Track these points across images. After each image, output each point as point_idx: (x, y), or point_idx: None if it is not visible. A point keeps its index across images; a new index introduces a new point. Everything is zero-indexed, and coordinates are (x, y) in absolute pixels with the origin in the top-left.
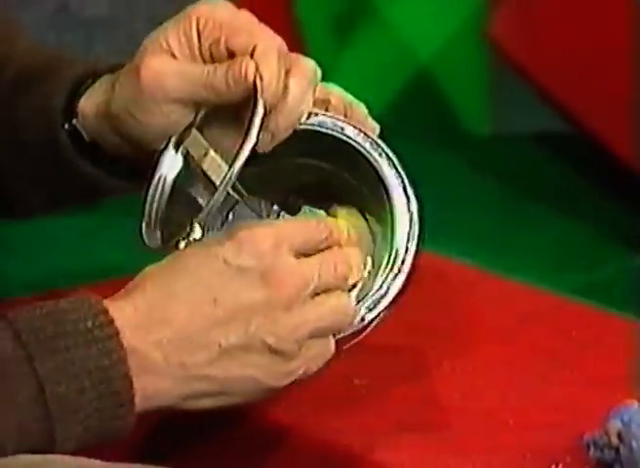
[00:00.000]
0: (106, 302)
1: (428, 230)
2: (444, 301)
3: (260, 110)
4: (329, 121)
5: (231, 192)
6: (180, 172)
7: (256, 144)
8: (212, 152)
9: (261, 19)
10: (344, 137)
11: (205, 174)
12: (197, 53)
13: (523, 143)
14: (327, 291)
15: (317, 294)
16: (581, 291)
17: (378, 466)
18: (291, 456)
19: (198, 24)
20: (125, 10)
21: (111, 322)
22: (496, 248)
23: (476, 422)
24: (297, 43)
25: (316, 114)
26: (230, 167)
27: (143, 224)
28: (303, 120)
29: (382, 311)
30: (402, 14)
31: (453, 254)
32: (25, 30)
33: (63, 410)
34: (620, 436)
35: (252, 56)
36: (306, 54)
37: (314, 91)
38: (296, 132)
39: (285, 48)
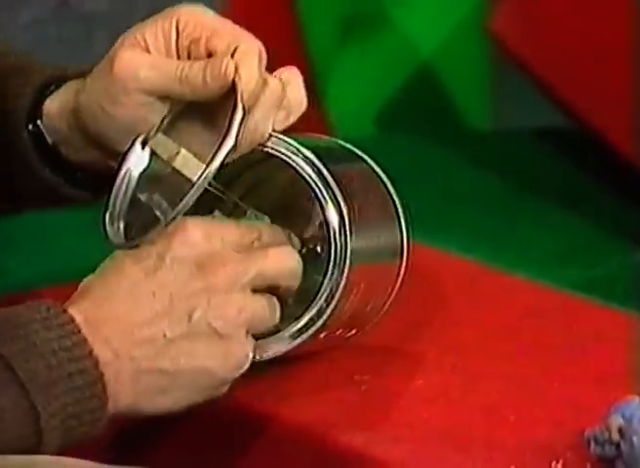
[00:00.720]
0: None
1: (429, 225)
2: (444, 297)
3: (240, 109)
4: (282, 146)
5: (211, 189)
6: (146, 169)
7: (235, 144)
8: (183, 151)
9: (262, 15)
10: (293, 163)
11: (179, 172)
12: (174, 51)
13: (524, 139)
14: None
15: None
16: (583, 286)
17: (378, 462)
18: (290, 452)
19: (178, 24)
20: (125, 4)
21: (64, 311)
22: (496, 243)
23: (477, 418)
24: (297, 38)
25: (273, 136)
26: (208, 164)
27: (107, 216)
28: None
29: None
30: (404, 9)
31: (453, 250)
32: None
33: (37, 386)
34: (621, 432)
35: (232, 56)
36: (308, 50)
37: (274, 116)
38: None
39: (264, 55)
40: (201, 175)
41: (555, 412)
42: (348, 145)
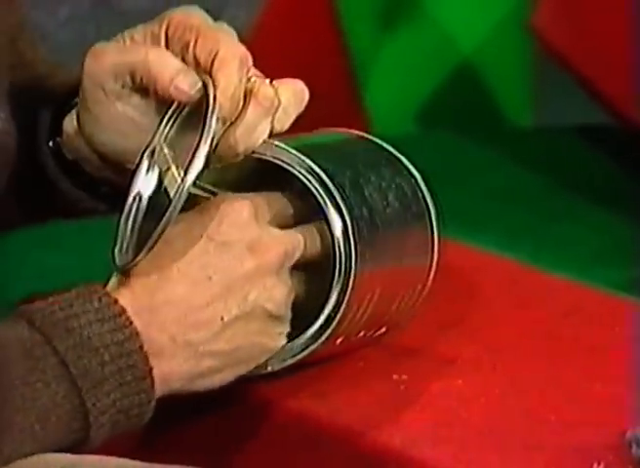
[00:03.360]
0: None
1: (468, 223)
2: (484, 296)
3: (209, 122)
4: (280, 152)
5: (203, 194)
6: (156, 189)
7: (207, 161)
8: (173, 167)
9: (301, 12)
10: (293, 170)
11: (165, 190)
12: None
13: (565, 136)
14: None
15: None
16: (624, 285)
17: (416, 463)
18: (327, 452)
19: (168, 28)
20: (164, 2)
21: (116, 301)
22: (536, 242)
23: (517, 419)
24: (336, 34)
25: (270, 143)
26: (180, 183)
27: (116, 248)
28: (257, 148)
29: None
30: (444, 4)
31: (492, 248)
32: (35, 40)
33: (89, 383)
34: None
35: (212, 61)
36: (347, 46)
37: (272, 121)
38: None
39: (250, 61)
40: (175, 194)
41: (596, 413)
42: (376, 139)
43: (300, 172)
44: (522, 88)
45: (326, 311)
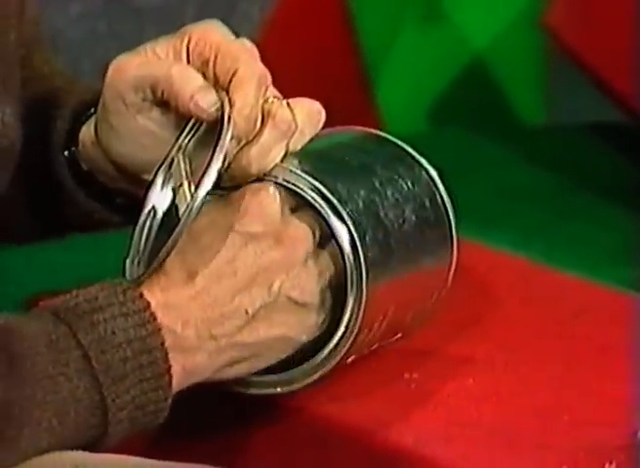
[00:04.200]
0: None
1: (480, 222)
2: (495, 295)
3: (220, 146)
4: (293, 177)
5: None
6: (170, 205)
7: (218, 181)
8: (185, 183)
9: (314, 9)
10: (306, 196)
11: (176, 207)
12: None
13: (578, 134)
14: None
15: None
16: (636, 284)
17: (428, 461)
18: (339, 451)
19: (189, 42)
20: None
21: (141, 295)
22: (548, 240)
23: (528, 418)
24: (349, 32)
25: (284, 167)
26: (187, 205)
27: (128, 260)
28: (269, 171)
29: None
30: (457, 2)
31: (504, 246)
32: (54, 57)
33: (110, 379)
34: None
35: (230, 80)
36: (359, 44)
37: (287, 144)
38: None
39: (268, 80)
40: (185, 211)
41: (608, 413)
42: (395, 139)
43: (312, 197)
44: (535, 86)
45: (339, 333)
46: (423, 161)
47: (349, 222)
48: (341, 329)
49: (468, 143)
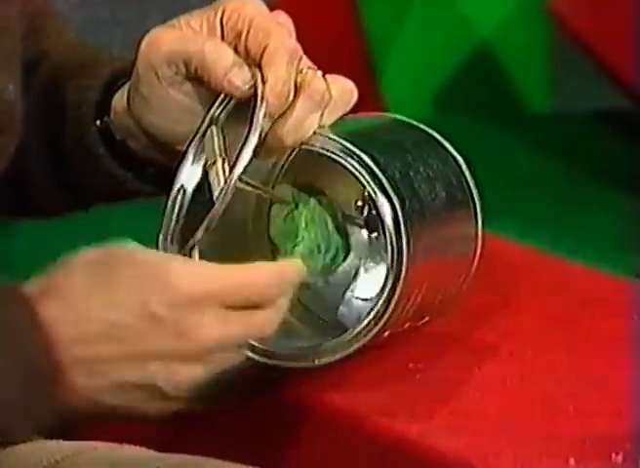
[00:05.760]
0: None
1: (487, 210)
2: (502, 284)
3: (256, 123)
4: (330, 144)
5: (249, 188)
6: (201, 181)
7: (255, 154)
8: (219, 160)
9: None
10: (345, 163)
11: (209, 185)
12: (218, 39)
13: (585, 121)
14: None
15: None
16: None
17: (433, 452)
18: (344, 441)
19: (223, 16)
20: None
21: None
22: (556, 228)
23: (534, 408)
24: (354, 19)
25: (320, 134)
26: (225, 180)
27: (161, 237)
28: (306, 140)
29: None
30: None
31: (511, 235)
32: (69, 28)
33: None
34: None
35: (262, 55)
36: (364, 30)
37: (322, 114)
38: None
39: (300, 53)
40: (223, 187)
41: (615, 403)
42: (421, 125)
43: (351, 164)
44: (541, 72)
45: (377, 306)
46: (450, 147)
47: (390, 189)
48: (383, 296)
49: (474, 130)
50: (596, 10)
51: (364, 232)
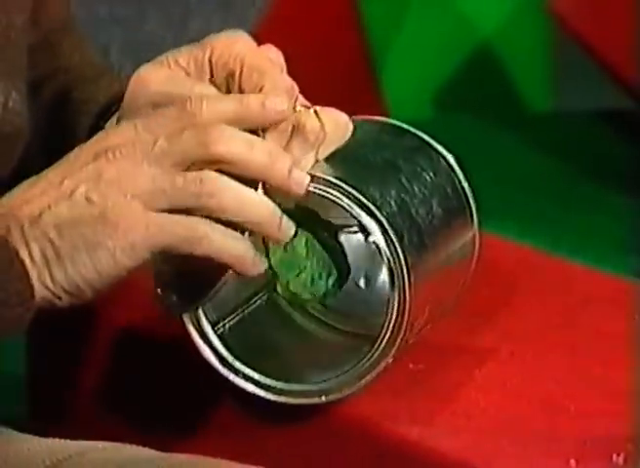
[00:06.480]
0: None
1: (486, 210)
2: (502, 284)
3: None
4: (322, 186)
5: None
6: None
7: None
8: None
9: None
10: (342, 203)
11: None
12: (206, 80)
13: (586, 121)
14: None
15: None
16: None
17: (434, 452)
18: (345, 444)
19: (212, 54)
20: None
21: None
22: (556, 228)
23: (535, 409)
24: (354, 19)
25: (315, 175)
26: None
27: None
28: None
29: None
30: None
31: (511, 235)
32: (87, 44)
33: None
34: None
35: None
36: (365, 28)
37: (316, 153)
38: None
39: (296, 91)
40: None
41: (616, 403)
42: (411, 128)
43: (348, 204)
44: (542, 71)
45: (383, 341)
46: (440, 148)
47: (388, 227)
48: (387, 335)
49: (474, 130)
50: (597, 9)
51: (361, 237)
